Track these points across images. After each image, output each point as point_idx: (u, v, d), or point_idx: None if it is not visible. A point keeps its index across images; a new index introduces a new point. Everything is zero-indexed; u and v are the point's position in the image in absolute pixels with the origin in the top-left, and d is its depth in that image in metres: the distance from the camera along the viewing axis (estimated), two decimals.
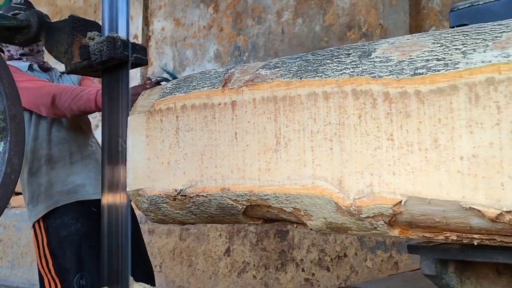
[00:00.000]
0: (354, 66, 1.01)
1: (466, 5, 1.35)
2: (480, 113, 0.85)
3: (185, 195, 1.25)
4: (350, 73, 1.00)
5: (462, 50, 0.90)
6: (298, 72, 1.09)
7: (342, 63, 1.03)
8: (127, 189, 1.40)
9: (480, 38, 0.89)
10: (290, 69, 1.11)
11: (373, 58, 1.00)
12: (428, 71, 0.91)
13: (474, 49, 0.88)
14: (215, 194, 1.20)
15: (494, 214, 0.83)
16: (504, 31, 0.88)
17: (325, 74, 1.04)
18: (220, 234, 3.90)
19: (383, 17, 3.30)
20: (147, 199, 1.34)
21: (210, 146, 1.21)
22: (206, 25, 4.35)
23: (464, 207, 0.86)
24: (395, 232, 1.00)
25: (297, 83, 1.07)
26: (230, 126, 1.17)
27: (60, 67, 1.75)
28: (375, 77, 0.97)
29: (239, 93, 1.16)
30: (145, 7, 4.79)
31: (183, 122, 1.26)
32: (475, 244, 0.92)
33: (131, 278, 1.50)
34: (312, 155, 1.04)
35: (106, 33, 1.60)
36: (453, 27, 1.36)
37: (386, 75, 0.95)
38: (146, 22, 4.79)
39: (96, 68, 1.63)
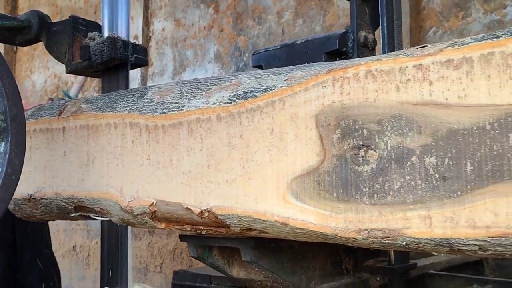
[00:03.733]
0: (132, 104, 1.38)
1: (262, 50, 1.72)
2: (193, 142, 1.23)
3: (35, 198, 1.62)
4: (129, 109, 1.38)
5: (189, 96, 1.27)
6: (103, 107, 1.46)
7: (127, 101, 1.41)
8: None
9: (201, 89, 1.27)
10: (98, 104, 1.48)
11: (144, 99, 1.37)
12: (169, 110, 1.28)
13: (195, 96, 1.26)
14: (52, 197, 1.57)
15: (197, 212, 1.21)
16: (215, 84, 1.26)
17: (116, 110, 1.41)
18: None
19: None
20: (12, 201, 1.71)
21: (50, 161, 1.58)
22: (206, 26, 4.39)
23: (184, 207, 1.24)
24: (162, 225, 1.37)
25: (100, 115, 1.45)
26: (62, 146, 1.54)
27: (61, 67, 1.81)
28: (142, 113, 1.34)
29: (67, 121, 1.54)
30: (146, 8, 4.83)
31: (34, 142, 1.63)
32: (203, 233, 1.30)
33: (130, 279, 1.73)
34: (107, 169, 1.41)
35: (106, 33, 1.70)
36: (254, 67, 1.74)
37: (147, 112, 1.33)
38: (147, 23, 4.83)
39: (97, 68, 1.72)
